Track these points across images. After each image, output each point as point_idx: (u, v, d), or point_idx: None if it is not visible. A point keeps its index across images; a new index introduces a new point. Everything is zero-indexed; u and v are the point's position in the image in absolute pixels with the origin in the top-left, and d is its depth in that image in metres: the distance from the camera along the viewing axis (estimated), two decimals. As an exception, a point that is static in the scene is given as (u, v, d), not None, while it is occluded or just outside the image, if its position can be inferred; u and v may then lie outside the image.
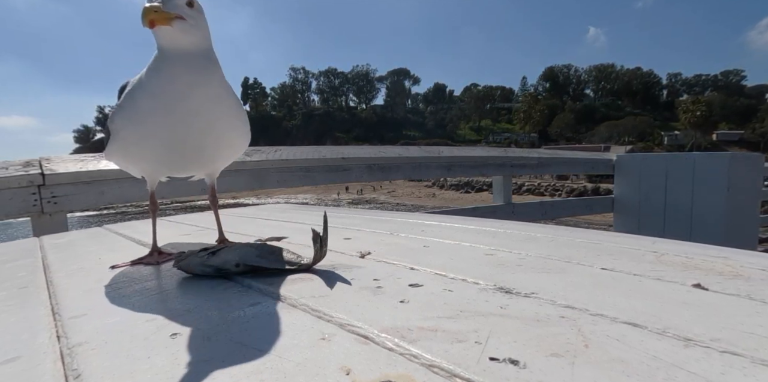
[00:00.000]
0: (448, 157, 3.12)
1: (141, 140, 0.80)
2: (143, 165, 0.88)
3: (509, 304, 0.52)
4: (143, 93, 0.76)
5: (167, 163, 0.86)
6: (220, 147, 0.86)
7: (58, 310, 0.59)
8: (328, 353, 0.40)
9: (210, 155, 0.86)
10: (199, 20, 0.76)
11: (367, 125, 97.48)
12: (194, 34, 0.75)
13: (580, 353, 0.38)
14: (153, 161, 0.85)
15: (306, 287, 0.62)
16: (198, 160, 0.86)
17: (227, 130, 0.84)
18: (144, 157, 0.85)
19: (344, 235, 1.07)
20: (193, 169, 0.93)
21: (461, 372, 0.35)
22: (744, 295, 0.53)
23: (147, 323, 0.51)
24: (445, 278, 0.65)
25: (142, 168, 0.90)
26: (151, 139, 0.79)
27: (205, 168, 0.94)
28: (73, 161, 1.96)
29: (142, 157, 0.84)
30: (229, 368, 0.38)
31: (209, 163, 0.91)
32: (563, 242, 0.90)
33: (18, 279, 0.82)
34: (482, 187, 30.60)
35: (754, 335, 0.41)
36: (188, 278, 0.71)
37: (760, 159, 3.44)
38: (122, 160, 0.90)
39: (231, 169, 2.27)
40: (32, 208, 1.76)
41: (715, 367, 0.35)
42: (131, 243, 1.14)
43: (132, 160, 0.88)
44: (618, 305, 0.50)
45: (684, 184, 3.20)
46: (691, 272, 0.64)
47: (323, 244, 0.71)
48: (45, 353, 0.45)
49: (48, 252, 1.09)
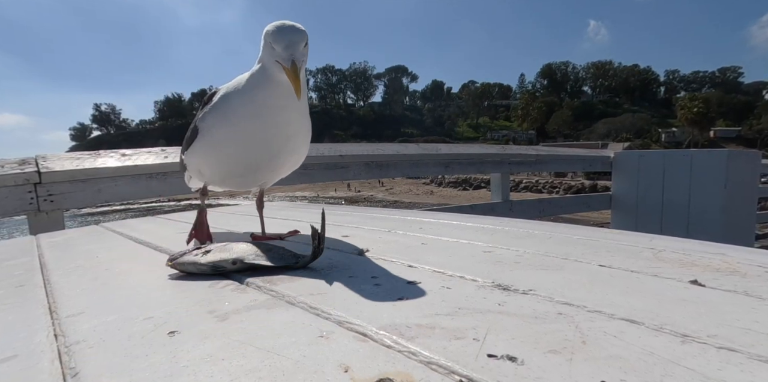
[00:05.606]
0: (446, 154, 3.12)
1: (230, 139, 0.88)
2: (220, 167, 0.96)
3: (507, 301, 0.52)
4: (242, 98, 0.85)
5: (244, 166, 0.94)
6: (292, 156, 0.97)
7: (56, 308, 0.59)
8: (326, 351, 0.40)
9: (281, 163, 0.96)
10: (306, 56, 0.82)
11: (364, 123, 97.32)
12: (302, 70, 0.80)
13: (577, 349, 0.38)
14: (232, 162, 0.93)
15: (304, 284, 0.62)
16: (270, 167, 0.96)
17: (302, 143, 0.96)
18: (224, 159, 0.93)
19: (342, 232, 1.07)
20: (262, 175, 1.00)
21: (459, 369, 0.35)
22: (741, 291, 0.53)
23: (145, 322, 0.51)
24: (443, 275, 0.65)
25: (216, 172, 0.98)
26: (239, 138, 0.88)
27: (271, 175, 1.01)
28: (70, 159, 1.95)
29: (224, 157, 0.93)
30: (227, 366, 0.38)
31: (277, 171, 1.00)
32: (561, 239, 0.90)
33: (15, 278, 0.81)
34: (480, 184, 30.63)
35: (751, 331, 0.41)
36: (185, 276, 0.71)
37: (757, 156, 3.46)
38: (201, 160, 0.97)
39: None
40: (29, 206, 1.75)
41: (712, 363, 0.35)
42: (129, 241, 1.13)
43: (211, 161, 0.96)
44: (615, 301, 0.51)
45: (681, 181, 3.21)
46: (689, 269, 0.64)
47: (321, 241, 0.71)
48: (42, 352, 0.45)
49: (45, 250, 1.09)
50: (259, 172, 0.98)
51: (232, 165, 0.94)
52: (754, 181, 3.47)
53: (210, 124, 0.90)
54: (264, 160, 0.93)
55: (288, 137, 0.90)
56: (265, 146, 0.90)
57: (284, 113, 0.86)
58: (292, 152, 0.96)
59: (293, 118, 0.89)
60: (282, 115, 0.86)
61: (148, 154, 2.12)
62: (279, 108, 0.85)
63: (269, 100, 0.84)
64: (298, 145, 0.95)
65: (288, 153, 0.95)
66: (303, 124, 0.93)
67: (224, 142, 0.90)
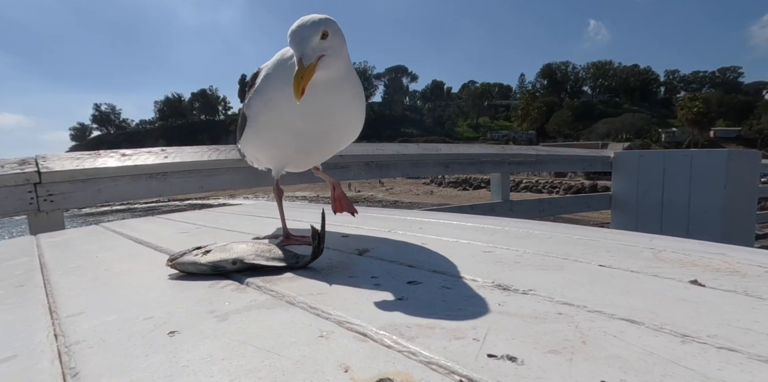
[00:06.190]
0: (446, 154, 3.12)
1: (275, 126, 0.87)
2: (274, 152, 0.96)
3: (507, 301, 0.52)
4: (280, 84, 0.81)
5: (294, 150, 0.93)
6: (343, 136, 0.95)
7: (56, 308, 0.59)
8: (326, 351, 0.40)
9: (332, 144, 0.95)
10: (337, 47, 0.78)
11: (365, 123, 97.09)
12: (335, 62, 0.78)
13: (577, 349, 0.38)
14: (282, 147, 0.93)
15: (304, 284, 0.62)
16: (322, 149, 0.95)
17: (352, 122, 0.93)
18: (276, 144, 0.92)
19: (342, 232, 1.07)
20: (316, 157, 1.00)
21: (459, 369, 0.35)
22: (741, 291, 0.53)
23: (144, 322, 0.51)
24: (444, 275, 0.65)
25: (272, 156, 0.98)
26: (284, 126, 0.86)
27: (326, 154, 1.01)
28: (70, 159, 1.94)
29: (273, 143, 0.92)
30: (227, 366, 0.38)
31: (332, 150, 0.98)
32: (561, 239, 0.90)
33: (15, 278, 0.81)
34: (480, 184, 30.61)
35: (751, 331, 0.41)
36: (185, 276, 0.71)
37: (757, 156, 3.46)
38: (256, 148, 0.98)
39: (229, 168, 2.26)
40: (29, 206, 1.75)
41: (712, 363, 0.35)
42: (129, 241, 1.13)
43: (265, 147, 0.96)
44: (615, 301, 0.51)
45: (681, 181, 3.20)
46: (689, 269, 0.64)
47: (321, 241, 0.71)
48: (43, 352, 0.45)
49: (45, 250, 1.09)
50: (311, 155, 0.97)
51: (283, 149, 0.94)
52: (754, 181, 3.47)
53: (255, 111, 0.89)
54: (312, 144, 0.91)
55: (334, 120, 0.87)
56: (310, 132, 0.87)
57: (325, 98, 0.82)
58: (342, 133, 0.93)
59: (338, 100, 0.84)
60: (323, 100, 0.82)
61: (148, 154, 2.12)
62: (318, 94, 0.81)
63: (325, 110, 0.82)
64: (347, 126, 0.92)
65: (338, 134, 0.92)
66: (350, 103, 0.88)
67: (270, 130, 0.89)
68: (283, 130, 0.87)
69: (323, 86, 0.80)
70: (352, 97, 0.88)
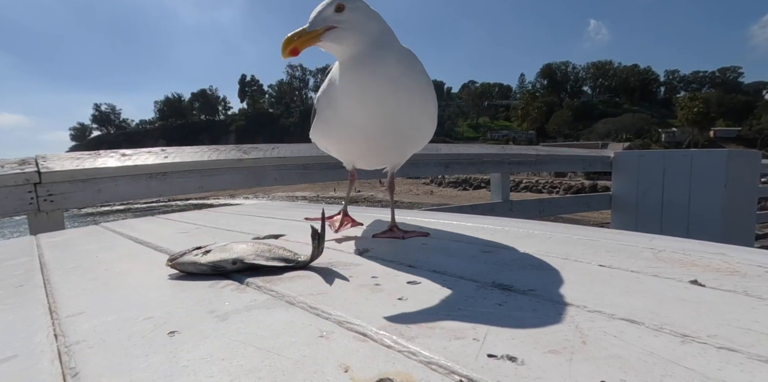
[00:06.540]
0: (446, 154, 3.12)
1: (338, 124, 0.89)
2: (339, 147, 0.98)
3: (507, 301, 0.52)
4: (342, 84, 0.83)
5: (357, 147, 0.95)
6: (409, 140, 0.94)
7: (56, 308, 0.59)
8: (326, 351, 0.40)
9: (399, 147, 0.94)
10: (355, 21, 0.77)
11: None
12: (351, 37, 0.77)
13: (577, 349, 0.38)
14: (347, 143, 0.95)
15: (304, 284, 0.62)
16: (386, 150, 0.95)
17: (418, 125, 0.91)
18: (338, 139, 0.95)
19: (342, 232, 1.07)
20: (382, 157, 1.01)
21: (459, 369, 0.35)
22: (741, 291, 0.53)
23: (145, 321, 0.51)
24: (444, 275, 0.65)
25: (338, 150, 1.00)
26: (347, 125, 0.87)
27: (390, 158, 1.02)
28: (70, 159, 1.94)
29: (338, 138, 0.95)
30: (227, 366, 0.38)
31: (399, 154, 0.99)
32: (561, 239, 0.90)
33: (15, 278, 0.81)
34: (480, 184, 30.61)
35: (751, 331, 0.41)
36: (185, 276, 0.71)
37: (757, 156, 3.46)
38: (323, 140, 1.00)
39: (229, 168, 2.26)
40: (29, 206, 1.75)
41: (712, 363, 0.35)
42: (129, 241, 1.13)
43: (330, 141, 0.99)
44: (615, 301, 0.51)
45: (681, 181, 3.20)
46: (689, 269, 0.64)
47: (321, 241, 0.71)
48: (42, 352, 0.45)
49: (45, 250, 1.09)
50: (371, 152, 0.97)
51: (347, 145, 0.95)
52: (754, 182, 3.47)
53: (322, 105, 0.92)
54: (371, 141, 0.89)
55: (393, 118, 0.85)
56: (370, 129, 0.86)
57: (385, 96, 0.81)
58: (405, 132, 0.90)
59: (399, 99, 0.83)
60: (382, 98, 0.81)
61: (148, 154, 2.12)
62: (379, 97, 0.81)
63: (369, 89, 0.81)
64: (409, 125, 0.89)
65: (400, 133, 0.90)
66: (412, 102, 0.86)
67: (334, 126, 0.91)
68: (344, 125, 0.89)
69: (384, 84, 0.80)
70: (416, 97, 0.86)
